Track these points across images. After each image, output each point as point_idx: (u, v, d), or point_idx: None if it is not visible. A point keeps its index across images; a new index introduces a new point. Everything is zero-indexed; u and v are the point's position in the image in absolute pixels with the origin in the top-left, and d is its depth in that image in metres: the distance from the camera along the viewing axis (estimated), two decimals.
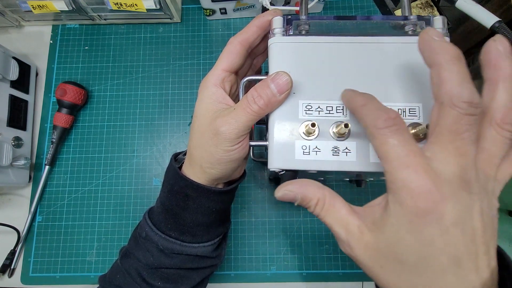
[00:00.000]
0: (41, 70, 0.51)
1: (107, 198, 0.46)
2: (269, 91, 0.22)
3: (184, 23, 0.51)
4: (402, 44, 0.23)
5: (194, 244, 0.28)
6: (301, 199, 0.21)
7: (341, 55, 0.23)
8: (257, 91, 0.22)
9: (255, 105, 0.22)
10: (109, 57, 0.51)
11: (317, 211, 0.20)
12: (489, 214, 0.17)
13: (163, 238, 0.28)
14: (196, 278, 0.30)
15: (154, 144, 0.48)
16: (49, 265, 0.45)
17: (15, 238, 0.45)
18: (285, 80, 0.22)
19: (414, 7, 0.37)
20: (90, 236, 0.45)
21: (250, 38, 0.25)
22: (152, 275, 0.28)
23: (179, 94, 0.49)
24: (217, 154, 0.24)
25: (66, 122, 0.47)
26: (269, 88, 0.22)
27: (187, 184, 0.26)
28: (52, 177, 0.47)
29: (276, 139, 0.23)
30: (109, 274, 0.31)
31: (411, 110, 0.22)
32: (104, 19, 0.50)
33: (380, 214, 0.18)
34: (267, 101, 0.22)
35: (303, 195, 0.20)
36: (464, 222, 0.16)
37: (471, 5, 0.27)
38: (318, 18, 0.24)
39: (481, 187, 0.17)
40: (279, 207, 0.45)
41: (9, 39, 0.52)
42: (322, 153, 0.22)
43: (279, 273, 0.43)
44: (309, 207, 0.21)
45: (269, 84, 0.22)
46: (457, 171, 0.16)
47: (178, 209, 0.27)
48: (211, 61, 0.50)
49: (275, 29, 0.24)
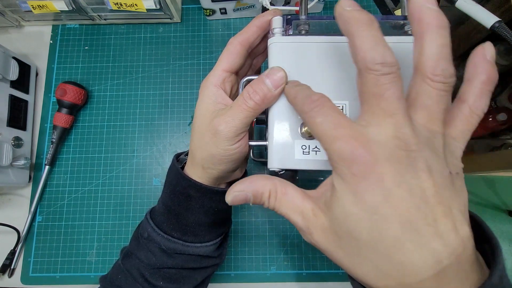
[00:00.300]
0: (41, 70, 0.51)
1: (107, 198, 0.46)
2: (264, 86, 0.22)
3: (184, 23, 0.51)
4: (402, 44, 0.23)
5: (196, 244, 0.28)
6: (253, 196, 0.20)
7: (341, 55, 0.23)
8: (253, 87, 0.23)
9: (251, 101, 0.22)
10: (109, 57, 0.51)
11: (272, 204, 0.20)
12: (442, 172, 0.16)
13: (165, 238, 0.28)
14: (198, 277, 0.30)
15: (154, 144, 0.48)
16: (49, 265, 0.45)
17: (15, 238, 0.45)
18: (280, 74, 0.22)
19: None
20: (90, 236, 0.45)
21: (250, 38, 0.25)
22: (154, 275, 0.28)
23: (179, 94, 0.49)
24: (218, 154, 0.24)
25: (66, 122, 0.47)
26: (264, 84, 0.22)
27: (190, 184, 0.26)
28: (52, 177, 0.48)
29: (276, 139, 0.23)
30: (110, 275, 0.31)
31: None
32: (104, 19, 0.50)
33: (330, 193, 0.18)
34: (262, 96, 0.22)
35: (254, 191, 0.20)
36: (408, 181, 0.15)
37: (471, 5, 0.27)
38: (318, 18, 0.24)
39: (423, 143, 0.16)
40: None
41: (9, 39, 0.52)
42: (322, 153, 0.22)
43: (279, 273, 0.43)
44: (263, 202, 0.20)
45: (264, 80, 0.22)
46: (390, 131, 0.16)
47: (180, 209, 0.27)
48: (211, 61, 0.50)
49: (275, 29, 0.24)
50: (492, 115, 0.50)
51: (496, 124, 0.49)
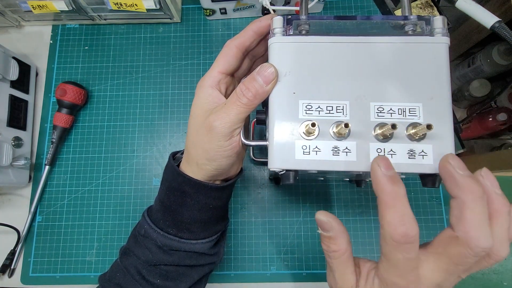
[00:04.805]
0: (41, 70, 0.51)
1: (107, 198, 0.46)
2: (256, 83, 0.23)
3: (184, 23, 0.51)
4: (402, 44, 0.23)
5: (192, 240, 0.29)
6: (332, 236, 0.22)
7: (341, 55, 0.23)
8: (245, 84, 0.24)
9: (244, 98, 0.23)
10: (109, 57, 0.51)
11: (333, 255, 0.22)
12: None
13: (161, 235, 0.28)
14: (195, 276, 0.30)
15: (154, 144, 0.48)
16: (49, 265, 0.45)
17: (15, 238, 0.45)
18: (270, 71, 0.23)
19: (414, 7, 0.37)
20: (90, 236, 0.45)
21: (246, 42, 0.26)
22: (151, 272, 0.29)
23: (179, 94, 0.49)
24: (212, 150, 0.25)
25: (66, 122, 0.47)
26: (256, 81, 0.23)
27: (185, 180, 0.27)
28: (52, 177, 0.47)
29: (276, 139, 0.23)
30: (109, 273, 0.31)
31: (411, 110, 0.22)
32: (104, 19, 0.50)
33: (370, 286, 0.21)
34: (255, 92, 0.23)
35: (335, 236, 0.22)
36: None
37: (471, 5, 0.27)
38: (318, 18, 0.24)
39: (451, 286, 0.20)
40: (279, 207, 0.45)
41: (9, 39, 0.52)
42: (322, 153, 0.22)
43: (279, 273, 0.43)
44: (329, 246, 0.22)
45: (255, 77, 0.23)
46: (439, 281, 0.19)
47: (175, 206, 0.28)
48: (211, 61, 0.50)
49: (275, 29, 0.24)
50: (492, 115, 0.50)
51: (496, 124, 0.49)
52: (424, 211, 0.44)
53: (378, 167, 0.19)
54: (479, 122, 0.52)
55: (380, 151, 0.22)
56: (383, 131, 0.22)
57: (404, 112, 0.22)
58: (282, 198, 0.46)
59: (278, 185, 0.46)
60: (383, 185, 0.19)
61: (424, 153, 0.22)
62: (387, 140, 0.22)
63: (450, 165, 0.19)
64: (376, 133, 0.22)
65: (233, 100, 0.24)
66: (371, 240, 0.44)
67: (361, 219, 0.44)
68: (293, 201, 0.45)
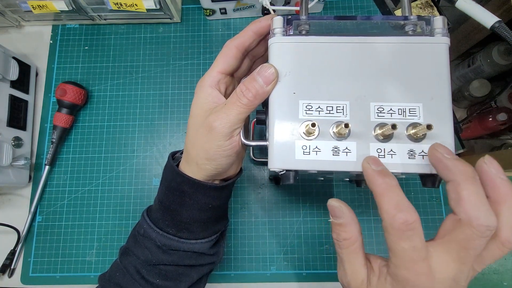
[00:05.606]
0: (41, 70, 0.51)
1: (107, 198, 0.46)
2: (256, 83, 0.23)
3: (184, 23, 0.51)
4: (402, 44, 0.23)
5: (191, 240, 0.29)
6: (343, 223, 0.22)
7: (341, 55, 0.23)
8: (245, 85, 0.24)
9: (244, 98, 0.23)
10: (109, 57, 0.51)
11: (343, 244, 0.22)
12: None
13: (160, 234, 0.28)
14: (194, 275, 0.30)
15: (154, 144, 0.48)
16: (49, 265, 0.45)
17: (15, 238, 0.45)
18: (270, 71, 0.23)
19: (414, 7, 0.37)
20: (90, 236, 0.45)
21: (246, 43, 0.26)
22: (150, 272, 0.29)
23: (179, 94, 0.49)
24: (212, 150, 0.25)
25: (66, 122, 0.47)
26: (256, 81, 0.23)
27: (184, 180, 0.27)
28: (52, 177, 0.47)
29: (276, 139, 0.23)
30: (108, 273, 0.31)
31: (411, 110, 0.22)
32: (104, 19, 0.50)
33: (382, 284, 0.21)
34: (255, 93, 0.23)
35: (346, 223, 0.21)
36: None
37: (471, 5, 0.27)
38: (318, 18, 0.24)
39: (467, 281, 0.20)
40: (279, 207, 0.45)
41: (9, 39, 0.52)
42: (322, 153, 0.22)
43: (279, 273, 0.43)
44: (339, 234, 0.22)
45: (255, 77, 0.23)
46: (452, 274, 0.19)
47: (175, 206, 0.28)
48: (211, 61, 0.50)
49: (276, 29, 0.24)
50: (492, 115, 0.50)
51: (496, 124, 0.49)
52: (424, 211, 0.44)
53: (368, 164, 0.20)
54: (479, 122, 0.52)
55: (380, 151, 0.22)
56: (383, 131, 0.22)
57: (404, 112, 0.22)
58: (282, 198, 0.46)
59: (278, 185, 0.46)
60: (374, 179, 0.20)
61: (424, 153, 0.22)
62: (387, 140, 0.22)
63: (437, 152, 0.20)
64: (376, 133, 0.22)
65: (233, 100, 0.24)
66: (371, 240, 0.44)
67: (361, 219, 0.44)
68: (293, 201, 0.45)
